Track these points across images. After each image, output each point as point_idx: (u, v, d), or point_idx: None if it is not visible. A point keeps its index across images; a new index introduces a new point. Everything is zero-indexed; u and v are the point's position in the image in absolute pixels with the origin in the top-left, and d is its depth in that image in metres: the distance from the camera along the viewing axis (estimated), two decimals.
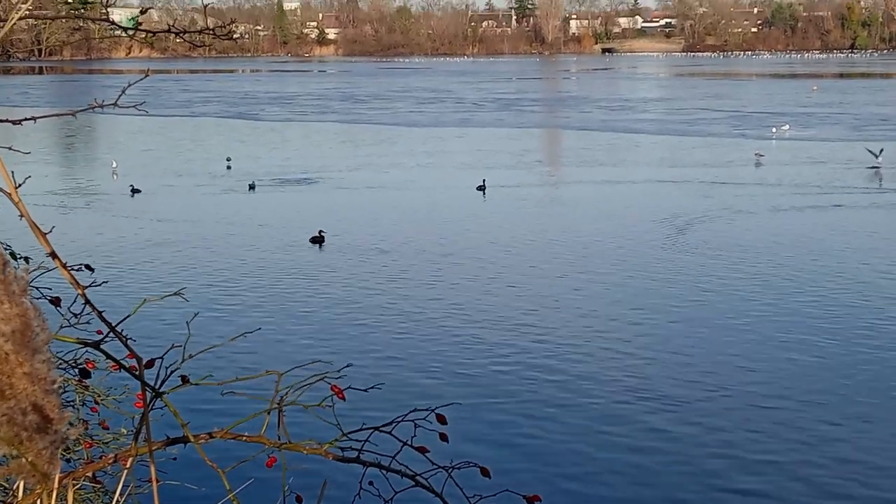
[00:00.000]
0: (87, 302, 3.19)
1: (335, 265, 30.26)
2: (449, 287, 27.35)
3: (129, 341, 3.10)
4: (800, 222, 36.92)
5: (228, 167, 53.35)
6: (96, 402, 6.19)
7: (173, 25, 3.89)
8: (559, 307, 25.24)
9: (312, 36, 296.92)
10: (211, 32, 3.91)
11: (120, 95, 3.54)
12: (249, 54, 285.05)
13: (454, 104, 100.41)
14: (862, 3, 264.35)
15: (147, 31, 3.98)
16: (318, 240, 33.30)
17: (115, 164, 52.02)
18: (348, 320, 24.12)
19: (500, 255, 31.43)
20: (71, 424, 1.76)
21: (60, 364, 5.42)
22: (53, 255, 2.40)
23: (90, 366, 5.24)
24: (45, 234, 2.37)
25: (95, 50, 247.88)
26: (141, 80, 3.68)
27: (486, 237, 34.14)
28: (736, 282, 27.61)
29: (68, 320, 4.94)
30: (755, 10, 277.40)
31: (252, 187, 46.10)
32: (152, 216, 38.95)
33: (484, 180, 44.59)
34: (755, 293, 26.37)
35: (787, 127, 68.88)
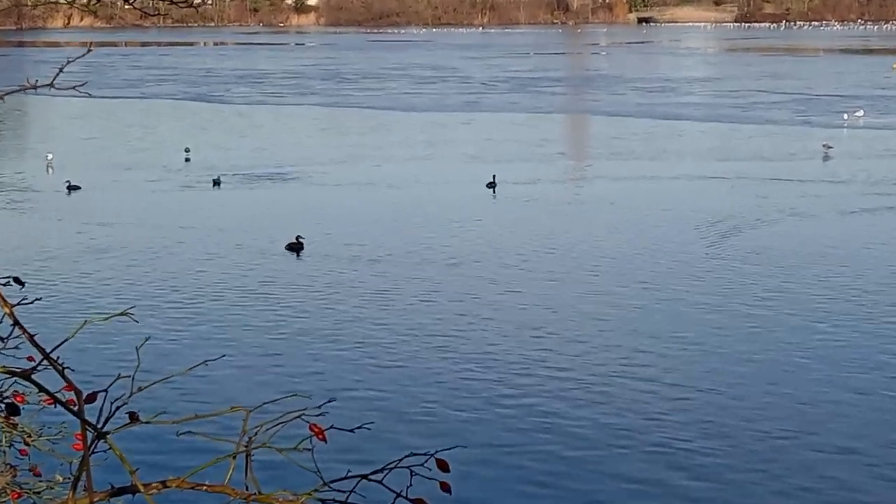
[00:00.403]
0: (16, 323, 3.19)
1: (315, 278, 30.28)
2: (451, 306, 27.35)
3: (66, 370, 3.10)
4: (875, 227, 36.89)
5: (187, 159, 53.44)
6: (26, 444, 6.16)
7: None
8: (578, 332, 25.21)
9: (289, 2, 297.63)
10: None
11: (57, 74, 3.55)
12: (213, 24, 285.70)
13: (459, 84, 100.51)
14: None
15: None
16: (295, 247, 33.33)
17: (49, 157, 52.09)
18: (331, 345, 24.13)
19: (512, 267, 31.44)
20: None
21: None
22: None
23: (19, 399, 5.22)
24: None
25: (27, 18, 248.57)
26: (83, 55, 3.69)
27: (495, 245, 34.16)
28: (796, 304, 27.55)
29: None
30: None
31: (217, 183, 46.16)
32: (94, 218, 38.98)
33: (494, 176, 44.56)
34: (819, 316, 26.30)
35: (860, 113, 68.94)
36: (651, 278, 29.87)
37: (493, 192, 43.89)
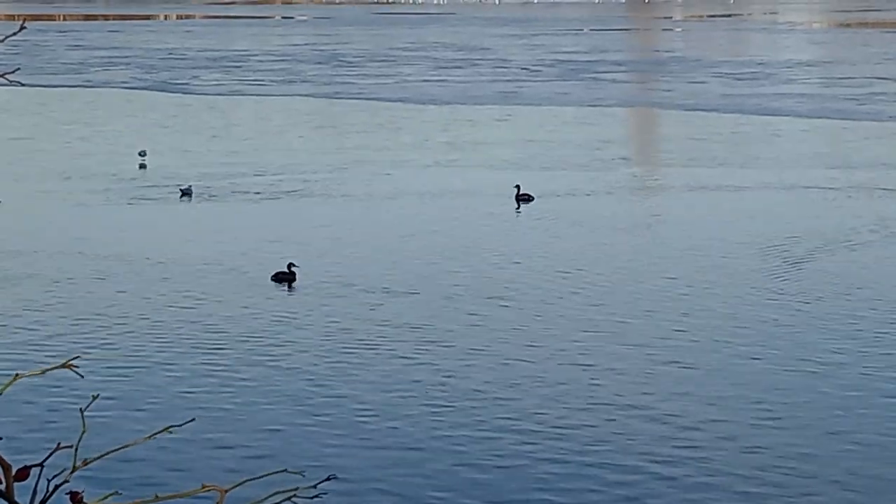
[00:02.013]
0: None
1: (310, 316, 30.26)
2: (475, 350, 27.26)
3: None
4: None
5: (142, 166, 53.56)
6: None
7: None
8: (627, 384, 25.17)
9: None
10: None
11: None
12: None
13: (493, 70, 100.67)
14: None
15: None
16: (285, 277, 33.32)
17: None
18: (331, 406, 24.07)
19: (550, 306, 31.33)
20: None
21: None
22: None
23: None
24: None
25: None
26: (14, 34, 3.72)
27: (532, 277, 34.07)
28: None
29: None
30: None
31: (186, 194, 46.27)
32: (23, 243, 39.05)
33: (518, 187, 44.16)
34: None
35: None
36: (729, 323, 29.75)
37: (518, 206, 43.72)
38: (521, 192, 44.37)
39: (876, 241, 38.25)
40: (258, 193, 47.53)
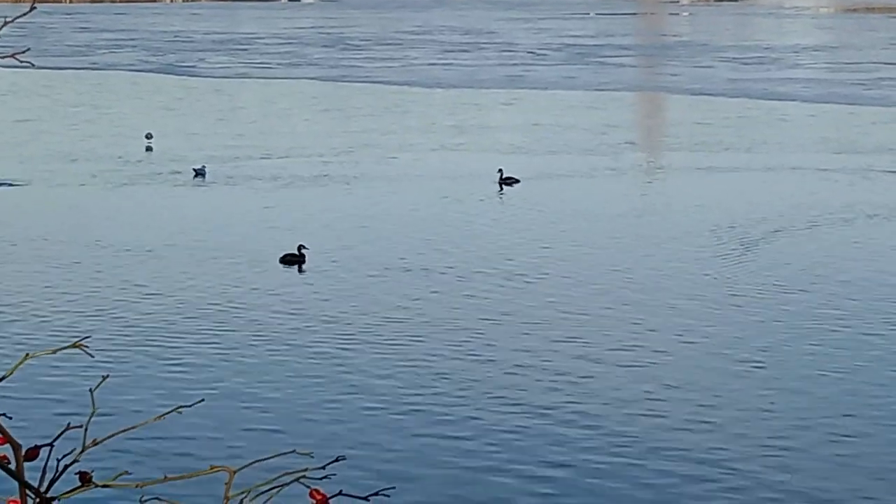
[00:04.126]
0: None
1: (319, 298, 30.30)
2: (485, 331, 27.29)
3: (0, 417, 3.12)
4: None
5: (149, 148, 53.63)
6: None
7: None
8: (630, 370, 25.19)
9: None
10: None
11: None
12: None
13: (499, 54, 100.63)
14: None
15: None
16: (294, 259, 33.32)
17: None
18: (340, 387, 24.09)
19: (555, 286, 31.38)
20: None
21: None
22: None
23: None
24: None
25: None
26: (24, 14, 3.71)
27: (539, 257, 34.11)
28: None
29: None
30: None
31: (200, 174, 46.40)
32: (34, 223, 39.12)
33: (501, 170, 44.52)
34: None
35: None
36: (743, 312, 29.76)
37: (501, 189, 43.97)
38: (504, 176, 44.71)
39: (884, 223, 38.34)
40: (265, 176, 47.55)
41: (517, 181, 44.56)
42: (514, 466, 20.66)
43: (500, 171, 44.90)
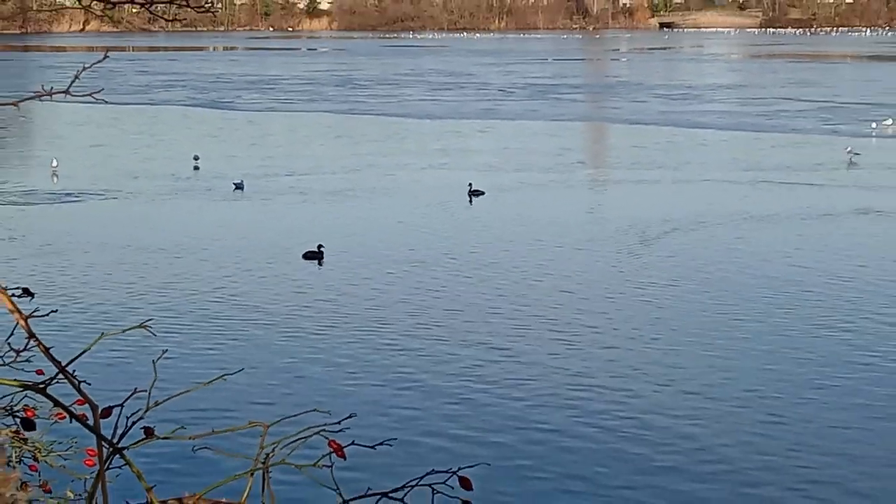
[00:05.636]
0: (31, 335, 3.21)
1: (336, 288, 30.31)
2: (478, 317, 27.31)
3: (81, 384, 3.12)
4: None
5: (196, 167, 53.56)
6: (36, 459, 6.13)
7: None
8: (603, 348, 25.20)
9: (301, 6, 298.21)
10: (185, 3, 3.93)
11: (73, 81, 3.56)
12: (222, 28, 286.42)
13: (476, 91, 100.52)
14: None
15: (105, 0, 4.01)
16: (314, 256, 33.38)
17: (55, 164, 52.19)
18: (353, 359, 24.07)
19: (534, 280, 31.42)
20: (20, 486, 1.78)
21: None
22: None
23: (30, 414, 5.20)
24: None
25: (32, 22, 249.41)
26: (100, 61, 3.72)
27: (510, 254, 34.15)
28: (822, 320, 27.50)
29: (2, 357, 4.90)
30: None
31: (239, 187, 46.51)
32: (104, 228, 39.05)
33: (470, 184, 44.95)
34: (837, 321, 26.25)
35: (889, 122, 68.68)
36: (677, 299, 29.79)
37: (471, 200, 44.09)
38: (472, 189, 45.02)
39: (782, 224, 38.42)
40: (290, 189, 47.57)
41: (482, 193, 44.91)
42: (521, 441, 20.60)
43: (470, 184, 45.29)
